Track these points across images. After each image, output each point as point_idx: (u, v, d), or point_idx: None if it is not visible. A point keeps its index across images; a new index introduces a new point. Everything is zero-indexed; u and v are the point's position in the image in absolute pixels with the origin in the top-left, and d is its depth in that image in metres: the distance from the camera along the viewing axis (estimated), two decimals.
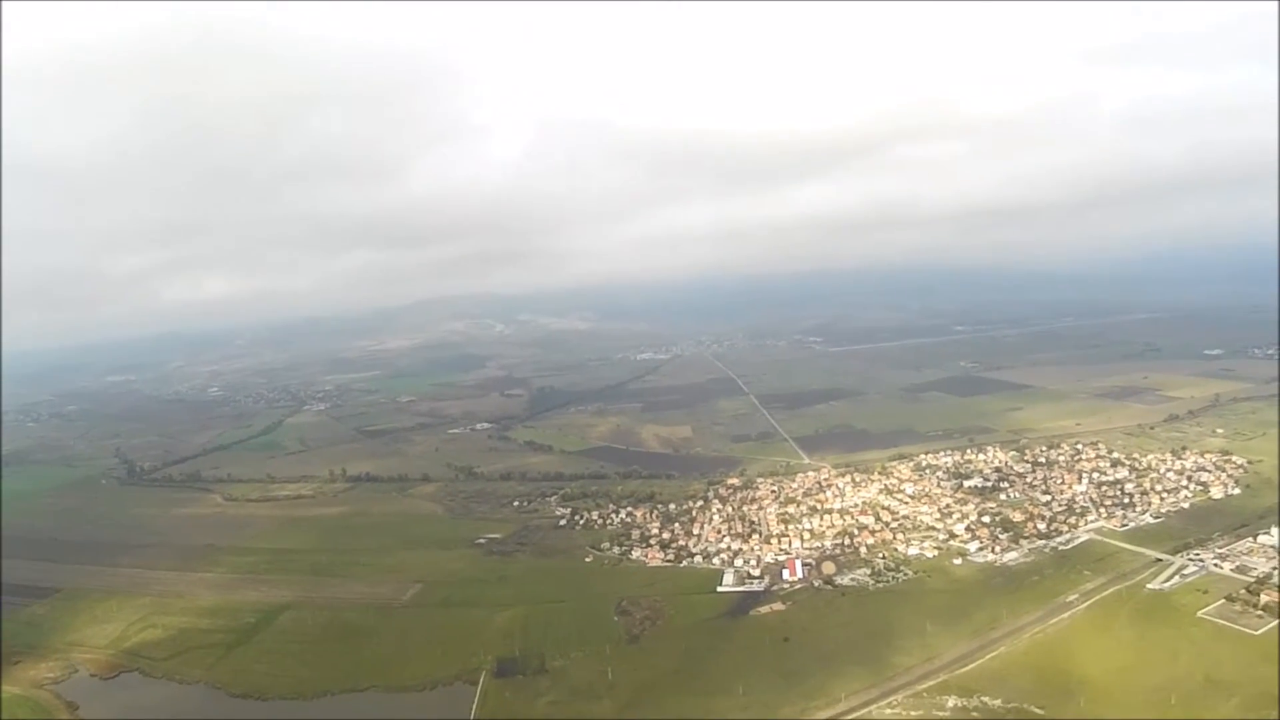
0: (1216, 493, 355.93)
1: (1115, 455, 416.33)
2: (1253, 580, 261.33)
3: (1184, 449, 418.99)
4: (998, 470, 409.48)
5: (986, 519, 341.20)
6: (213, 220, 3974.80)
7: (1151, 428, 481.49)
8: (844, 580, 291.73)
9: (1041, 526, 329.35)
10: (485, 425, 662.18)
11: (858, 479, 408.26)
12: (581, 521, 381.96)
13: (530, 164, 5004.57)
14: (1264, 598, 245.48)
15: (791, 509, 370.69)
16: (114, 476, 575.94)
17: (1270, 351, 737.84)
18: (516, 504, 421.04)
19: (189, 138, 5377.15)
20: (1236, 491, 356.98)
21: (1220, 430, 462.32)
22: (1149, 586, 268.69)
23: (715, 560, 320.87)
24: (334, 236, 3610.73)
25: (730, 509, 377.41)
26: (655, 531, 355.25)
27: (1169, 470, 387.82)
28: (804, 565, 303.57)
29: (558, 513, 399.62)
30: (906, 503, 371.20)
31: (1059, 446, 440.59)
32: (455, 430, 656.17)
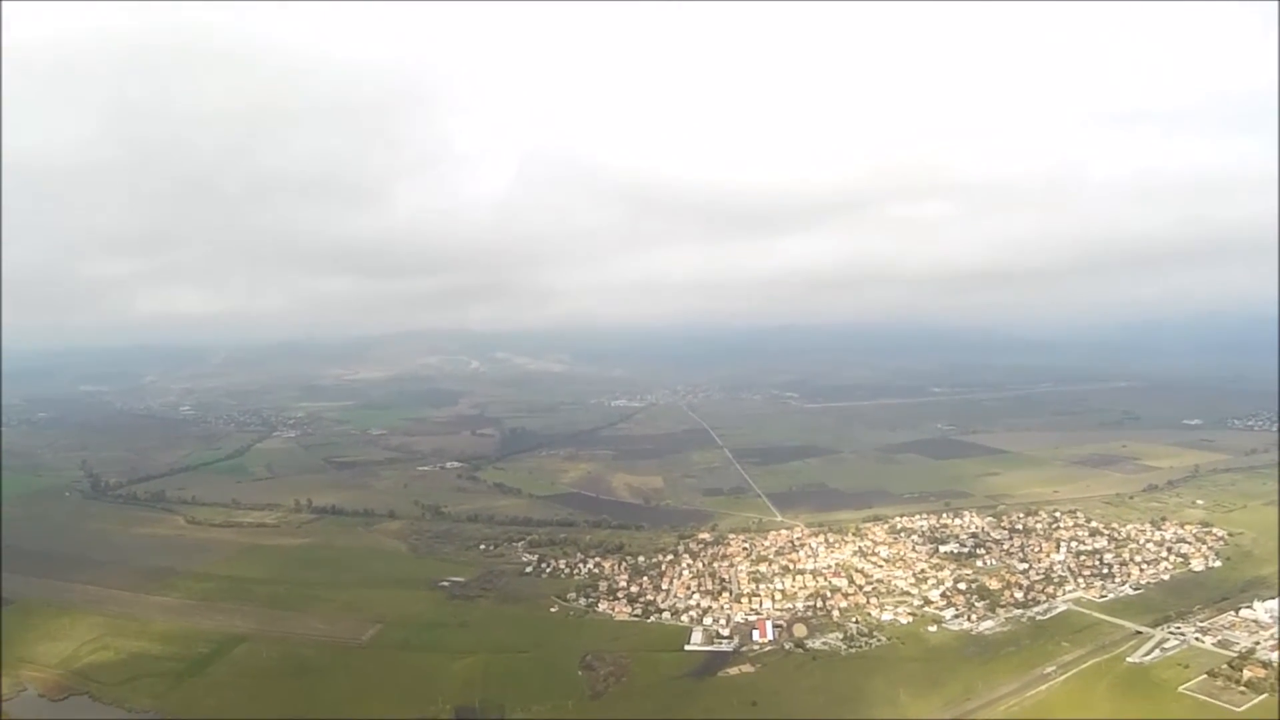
0: (1197, 565, 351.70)
1: (1094, 524, 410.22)
2: (1235, 655, 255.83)
3: (1163, 519, 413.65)
4: (974, 536, 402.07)
5: (962, 586, 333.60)
6: (186, 232, 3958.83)
7: (1130, 497, 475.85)
8: (815, 644, 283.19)
9: (1019, 595, 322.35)
10: (455, 464, 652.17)
11: (831, 539, 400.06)
12: (548, 569, 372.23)
13: (512, 199, 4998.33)
14: (1247, 673, 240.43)
15: (763, 567, 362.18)
16: (78, 489, 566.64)
17: (1250, 423, 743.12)
18: (483, 547, 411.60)
19: (161, 144, 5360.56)
20: (1217, 564, 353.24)
21: (1200, 501, 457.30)
22: (1129, 660, 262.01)
23: (684, 617, 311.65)
24: (309, 259, 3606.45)
25: (700, 565, 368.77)
26: (623, 584, 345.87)
27: (1148, 541, 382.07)
28: (775, 626, 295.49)
29: (524, 559, 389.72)
30: (881, 566, 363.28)
31: (1036, 514, 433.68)
32: (425, 467, 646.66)
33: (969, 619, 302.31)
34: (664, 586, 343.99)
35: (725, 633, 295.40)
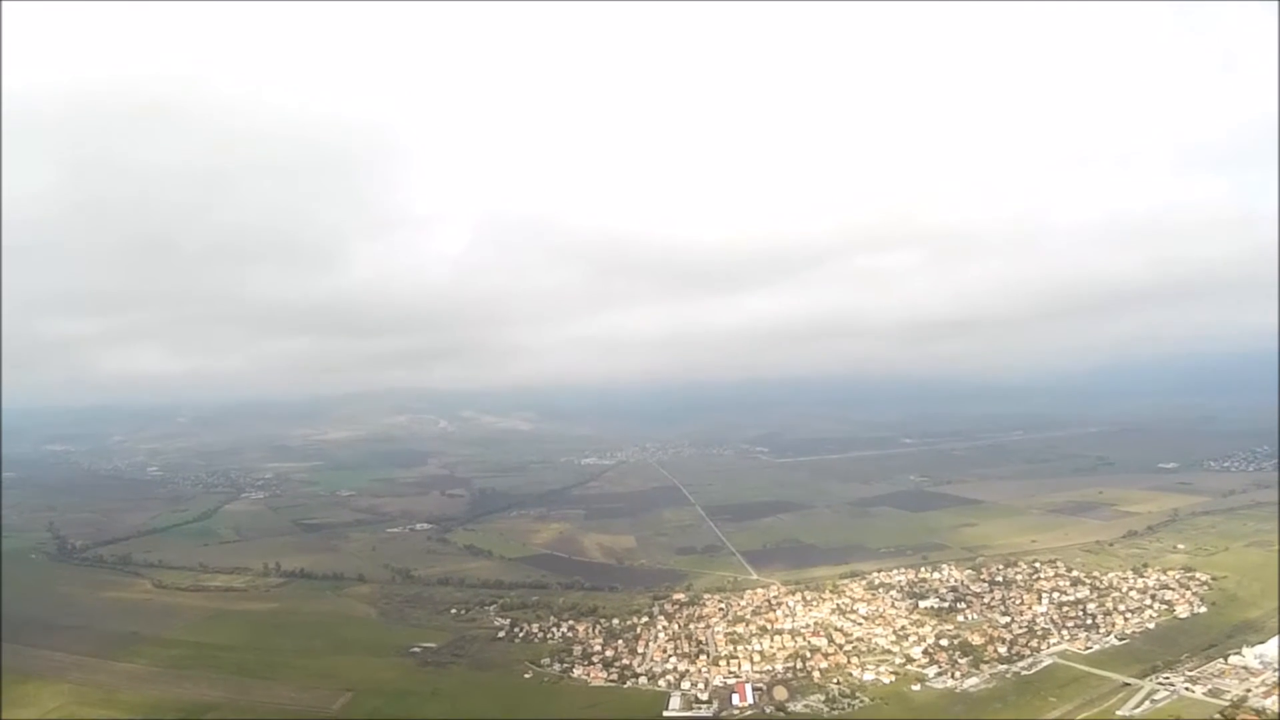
0: (1182, 611, 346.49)
1: (1075, 574, 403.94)
2: (1226, 704, 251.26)
3: (1145, 566, 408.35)
4: (954, 590, 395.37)
5: (944, 642, 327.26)
6: (145, 291, 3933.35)
7: (1110, 544, 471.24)
8: (797, 707, 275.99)
9: (1002, 650, 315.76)
10: (425, 525, 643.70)
11: (809, 597, 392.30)
12: (521, 634, 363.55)
13: (472, 259, 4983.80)
14: None
15: (740, 628, 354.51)
16: (44, 551, 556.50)
17: (1226, 464, 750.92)
18: (454, 611, 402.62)
19: (118, 201, 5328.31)
20: (1203, 610, 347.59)
21: (1181, 546, 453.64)
22: (1118, 713, 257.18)
23: (661, 682, 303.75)
24: (269, 319, 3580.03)
25: (676, 626, 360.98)
26: (598, 648, 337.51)
27: (1131, 589, 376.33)
28: (754, 690, 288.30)
29: (496, 623, 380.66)
30: (860, 624, 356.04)
31: (1016, 565, 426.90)
32: (394, 529, 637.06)
33: (953, 676, 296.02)
34: (640, 650, 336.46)
35: (704, 697, 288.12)
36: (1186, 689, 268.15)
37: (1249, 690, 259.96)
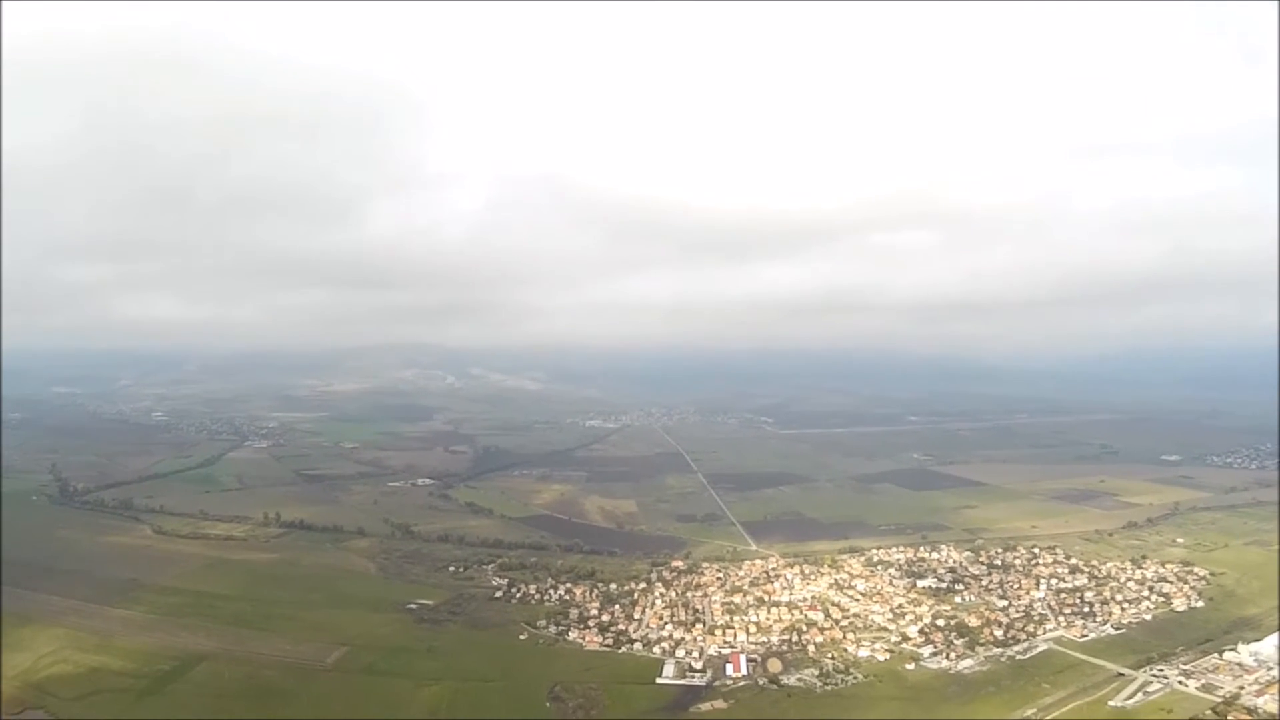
0: (1179, 605, 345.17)
1: (1074, 561, 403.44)
2: (1219, 700, 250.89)
3: (1144, 558, 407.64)
4: (952, 571, 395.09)
5: (941, 622, 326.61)
6: (159, 240, 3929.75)
7: (1110, 534, 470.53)
8: (790, 680, 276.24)
9: (998, 633, 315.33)
10: (427, 481, 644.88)
11: (807, 571, 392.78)
12: (518, 595, 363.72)
13: (488, 219, 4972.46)
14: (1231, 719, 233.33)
15: (738, 599, 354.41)
16: (46, 494, 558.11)
17: (1228, 460, 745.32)
18: (452, 569, 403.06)
19: (133, 150, 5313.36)
20: (1200, 604, 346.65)
21: (1180, 540, 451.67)
22: (1111, 703, 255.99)
23: (656, 649, 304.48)
24: (282, 270, 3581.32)
25: (674, 594, 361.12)
26: (594, 612, 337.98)
27: (1129, 580, 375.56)
28: (749, 661, 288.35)
29: (494, 583, 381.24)
30: (857, 600, 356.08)
31: (1015, 549, 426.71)
32: (396, 483, 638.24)
33: (948, 657, 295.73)
34: (636, 616, 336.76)
35: (698, 666, 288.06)
36: (1180, 682, 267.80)
37: (1242, 687, 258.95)
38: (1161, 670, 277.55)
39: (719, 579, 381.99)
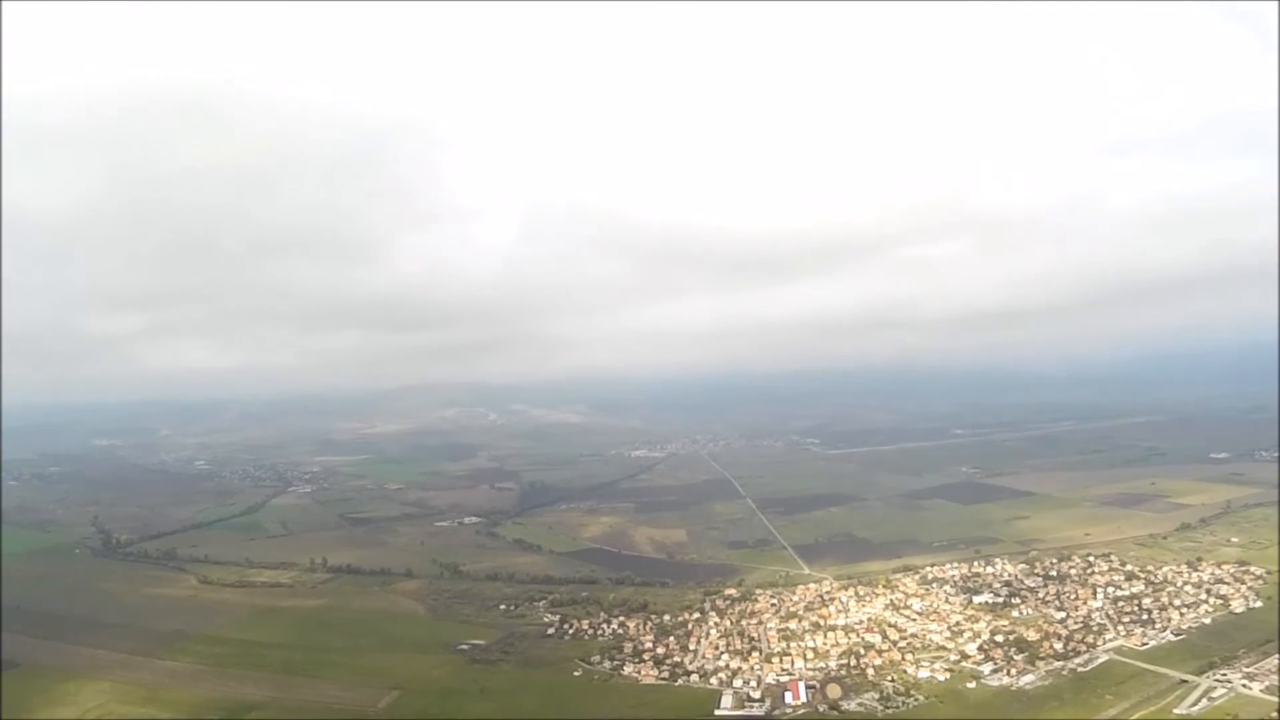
0: (1237, 606, 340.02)
1: (1129, 568, 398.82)
2: None
3: (1199, 560, 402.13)
4: (1008, 584, 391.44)
5: (999, 638, 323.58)
6: (187, 289, 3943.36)
7: (1164, 537, 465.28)
8: (851, 705, 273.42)
9: (1058, 646, 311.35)
10: (473, 519, 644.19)
11: (861, 592, 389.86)
12: (571, 631, 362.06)
13: (520, 252, 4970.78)
14: None
15: (793, 624, 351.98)
16: (88, 546, 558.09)
17: (1277, 454, 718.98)
18: (503, 607, 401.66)
19: (156, 202, 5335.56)
20: (1258, 604, 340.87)
21: (1234, 539, 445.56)
22: (1176, 711, 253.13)
23: (712, 680, 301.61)
24: (315, 315, 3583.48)
25: (728, 623, 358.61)
26: (649, 645, 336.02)
27: (1186, 583, 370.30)
28: (808, 688, 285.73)
29: (546, 619, 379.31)
30: (914, 620, 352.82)
31: (1070, 559, 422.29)
32: (442, 523, 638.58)
33: (1008, 673, 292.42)
34: (691, 647, 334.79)
35: (757, 695, 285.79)
36: (1244, 686, 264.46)
37: None
38: (1224, 675, 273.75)
39: (773, 605, 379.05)
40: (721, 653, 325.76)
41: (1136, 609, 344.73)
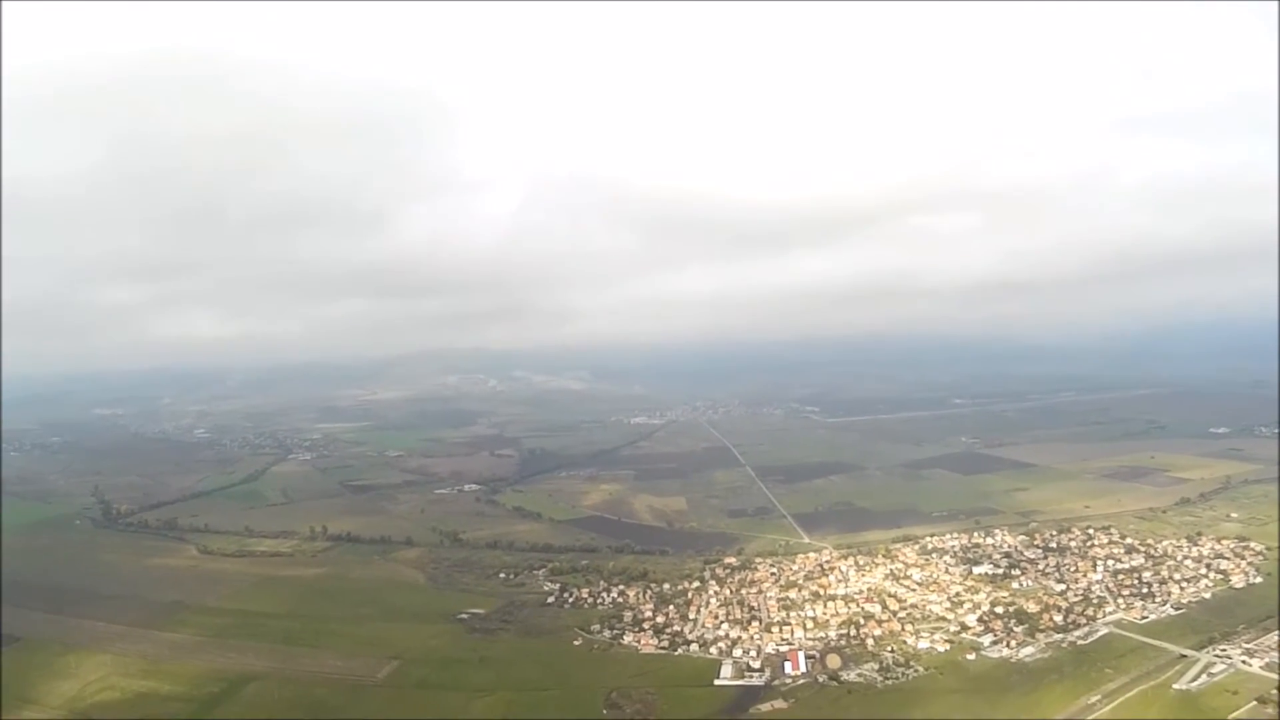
0: (1237, 581, 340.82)
1: (1129, 541, 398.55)
2: None
3: (1199, 534, 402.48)
4: (1008, 556, 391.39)
5: (999, 609, 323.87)
6: (194, 259, 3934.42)
7: (1164, 511, 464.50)
8: (850, 675, 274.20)
9: (1058, 618, 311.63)
10: (473, 486, 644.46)
11: (861, 562, 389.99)
12: (570, 599, 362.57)
13: (524, 220, 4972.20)
14: None
15: (793, 594, 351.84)
16: (89, 517, 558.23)
17: (1277, 429, 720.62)
18: (503, 576, 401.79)
19: (162, 171, 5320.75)
20: (1258, 580, 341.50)
21: (1234, 515, 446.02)
22: (1175, 686, 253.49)
23: (712, 649, 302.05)
24: (319, 282, 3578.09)
25: (728, 592, 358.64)
26: (648, 614, 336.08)
27: (1186, 558, 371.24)
28: (807, 658, 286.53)
29: (545, 588, 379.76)
30: (914, 590, 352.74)
31: (1070, 531, 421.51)
32: (442, 490, 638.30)
33: (1008, 645, 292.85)
34: (691, 616, 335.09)
35: (756, 665, 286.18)
36: (1244, 662, 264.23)
37: None
38: (1224, 650, 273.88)
39: (773, 574, 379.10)
40: (721, 622, 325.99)
41: (1136, 582, 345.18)
